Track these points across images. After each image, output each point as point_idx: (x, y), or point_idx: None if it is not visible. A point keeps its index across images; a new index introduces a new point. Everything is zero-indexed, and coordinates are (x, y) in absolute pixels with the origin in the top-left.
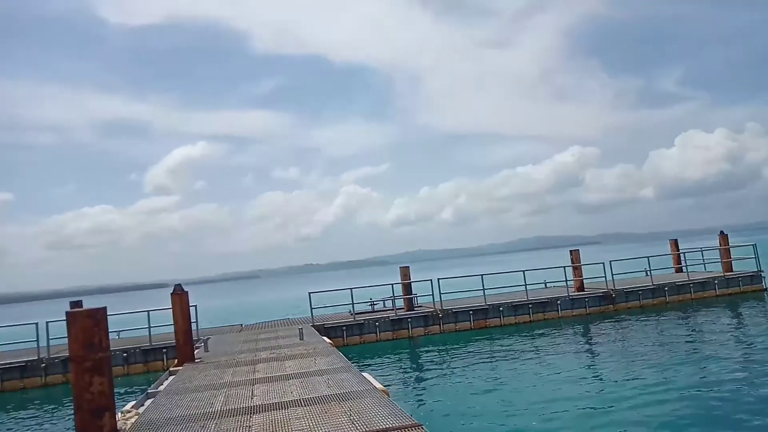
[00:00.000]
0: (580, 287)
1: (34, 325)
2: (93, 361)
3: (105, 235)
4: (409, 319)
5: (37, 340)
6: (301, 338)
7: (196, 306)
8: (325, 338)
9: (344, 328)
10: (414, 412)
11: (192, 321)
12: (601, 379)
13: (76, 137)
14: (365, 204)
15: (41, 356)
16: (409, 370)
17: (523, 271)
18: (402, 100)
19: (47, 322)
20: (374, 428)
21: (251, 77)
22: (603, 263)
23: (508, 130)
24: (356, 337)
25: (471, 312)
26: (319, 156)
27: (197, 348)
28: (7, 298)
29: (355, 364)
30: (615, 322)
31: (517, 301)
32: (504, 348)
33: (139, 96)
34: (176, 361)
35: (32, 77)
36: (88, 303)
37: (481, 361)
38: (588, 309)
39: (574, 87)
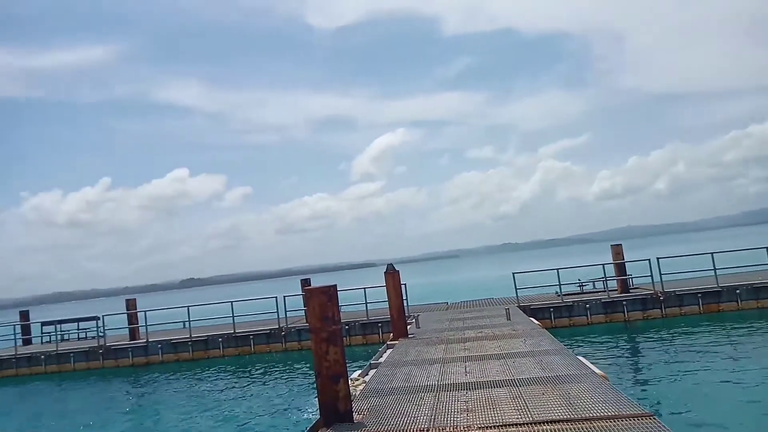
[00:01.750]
0: None
1: (274, 299)
2: (328, 332)
3: (322, 220)
4: (624, 302)
5: (277, 312)
6: (508, 318)
7: (405, 284)
8: (532, 319)
9: (551, 309)
10: (639, 402)
11: (403, 298)
12: None
13: (295, 135)
14: (565, 179)
15: (281, 326)
16: (627, 356)
17: (766, 248)
18: (602, 63)
19: (284, 297)
20: (596, 415)
21: (443, 60)
22: None
23: (732, 83)
24: (565, 320)
25: (700, 295)
26: (514, 132)
27: (409, 324)
28: (248, 276)
29: (565, 348)
30: None
31: (759, 283)
32: (742, 336)
33: (344, 92)
34: (391, 335)
35: (260, 85)
36: (313, 281)
37: (715, 350)
38: None
39: None
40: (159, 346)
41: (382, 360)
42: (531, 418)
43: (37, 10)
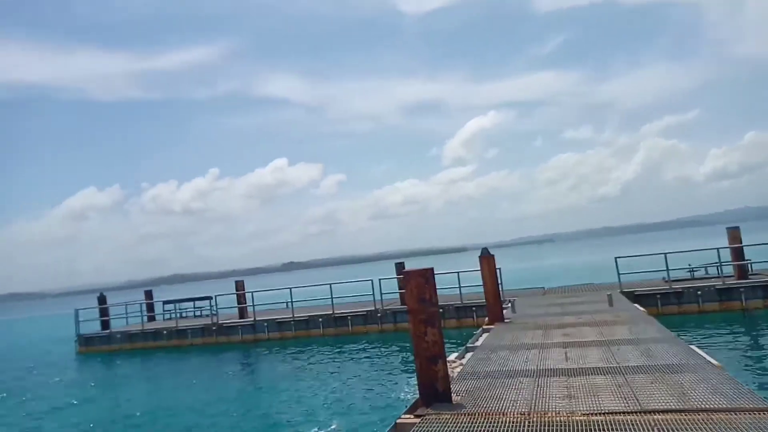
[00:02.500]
0: None
1: (370, 282)
2: (426, 314)
3: (414, 205)
4: (741, 289)
5: (373, 294)
6: (611, 304)
7: (500, 269)
8: (637, 306)
9: (658, 296)
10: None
11: (498, 283)
12: None
13: (388, 121)
14: (671, 158)
15: (377, 308)
16: (745, 347)
17: None
18: (715, 31)
19: (379, 280)
20: (712, 406)
21: (536, 38)
22: None
23: None
24: (673, 307)
25: None
26: (613, 110)
27: (505, 308)
28: (343, 260)
29: (675, 336)
30: None
31: None
32: None
33: (435, 76)
34: (487, 319)
35: (354, 75)
36: (407, 265)
37: None
38: None
39: None
40: (265, 324)
41: (478, 344)
42: (639, 407)
43: (150, 15)
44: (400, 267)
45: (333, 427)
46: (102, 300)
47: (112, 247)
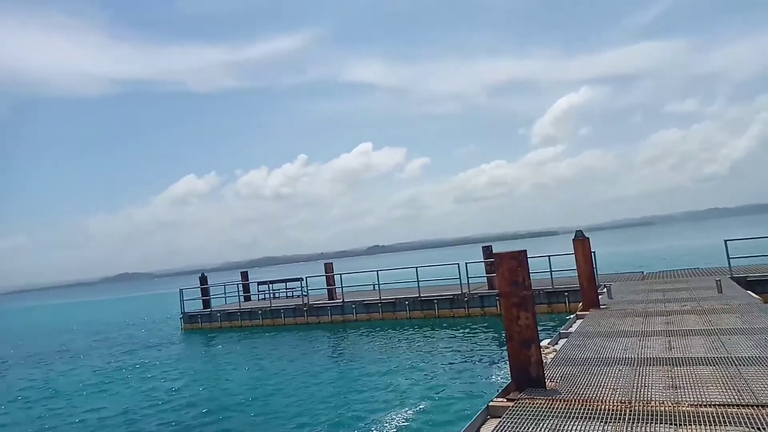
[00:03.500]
0: None
1: (456, 266)
2: (519, 297)
3: (500, 188)
4: None
5: (459, 278)
6: (720, 291)
7: (594, 252)
8: (750, 293)
9: None
10: None
11: (593, 267)
12: None
13: (473, 102)
14: None
15: (463, 291)
16: None
17: None
18: None
19: (465, 263)
20: None
21: (635, 7)
22: None
23: None
24: None
25: None
26: (723, 81)
27: (600, 294)
28: (427, 243)
29: None
30: None
31: None
32: None
33: (523, 53)
34: (580, 305)
35: (438, 56)
36: (493, 250)
37: None
38: None
39: None
40: (353, 306)
41: (572, 330)
42: (755, 400)
43: (242, 8)
44: (486, 251)
45: (423, 407)
46: (203, 280)
47: (210, 230)
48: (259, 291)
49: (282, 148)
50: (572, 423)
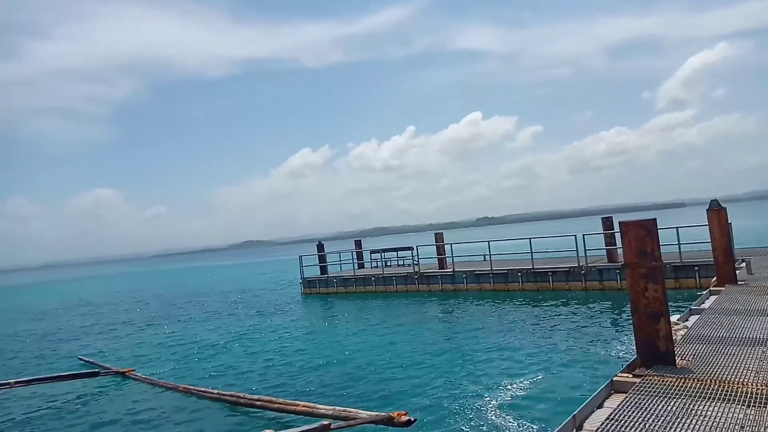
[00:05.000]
0: None
1: (573, 237)
2: (647, 268)
3: (620, 156)
4: None
5: (576, 250)
6: None
7: (731, 224)
8: None
9: None
10: None
11: (730, 239)
12: None
13: (589, 65)
14: None
15: (581, 264)
16: None
17: None
18: None
19: (583, 235)
20: None
21: None
22: None
23: None
24: None
25: None
26: None
27: (738, 269)
28: (539, 215)
29: None
30: None
31: None
32: None
33: (647, 9)
34: (714, 280)
35: (550, 17)
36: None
37: None
38: None
39: None
40: (464, 275)
41: (705, 306)
42: None
43: None
44: (606, 222)
45: (539, 377)
46: (320, 248)
47: (324, 201)
48: (371, 259)
49: (391, 120)
50: (708, 404)
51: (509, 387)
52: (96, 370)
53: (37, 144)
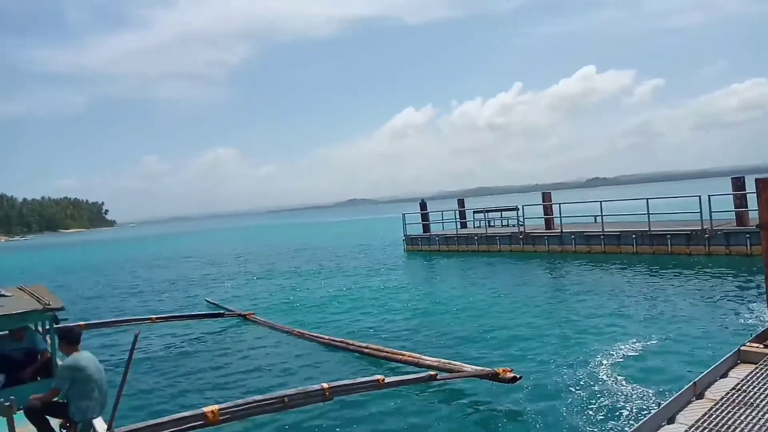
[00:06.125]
0: None
1: (696, 198)
2: None
3: (755, 111)
4: None
5: (700, 213)
6: None
7: None
8: None
9: None
10: None
11: None
12: None
13: (724, 9)
14: None
15: (704, 227)
16: None
17: None
18: None
19: (709, 196)
20: None
21: None
22: None
23: None
24: None
25: None
26: None
27: None
28: (657, 176)
29: None
30: None
31: None
32: None
33: None
34: None
35: None
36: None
37: None
38: None
39: None
40: (572, 237)
41: None
42: None
43: None
44: (737, 182)
45: (654, 342)
46: (423, 206)
47: (426, 161)
48: (474, 218)
49: (496, 77)
50: None
51: (621, 351)
52: (221, 311)
53: (167, 106)
